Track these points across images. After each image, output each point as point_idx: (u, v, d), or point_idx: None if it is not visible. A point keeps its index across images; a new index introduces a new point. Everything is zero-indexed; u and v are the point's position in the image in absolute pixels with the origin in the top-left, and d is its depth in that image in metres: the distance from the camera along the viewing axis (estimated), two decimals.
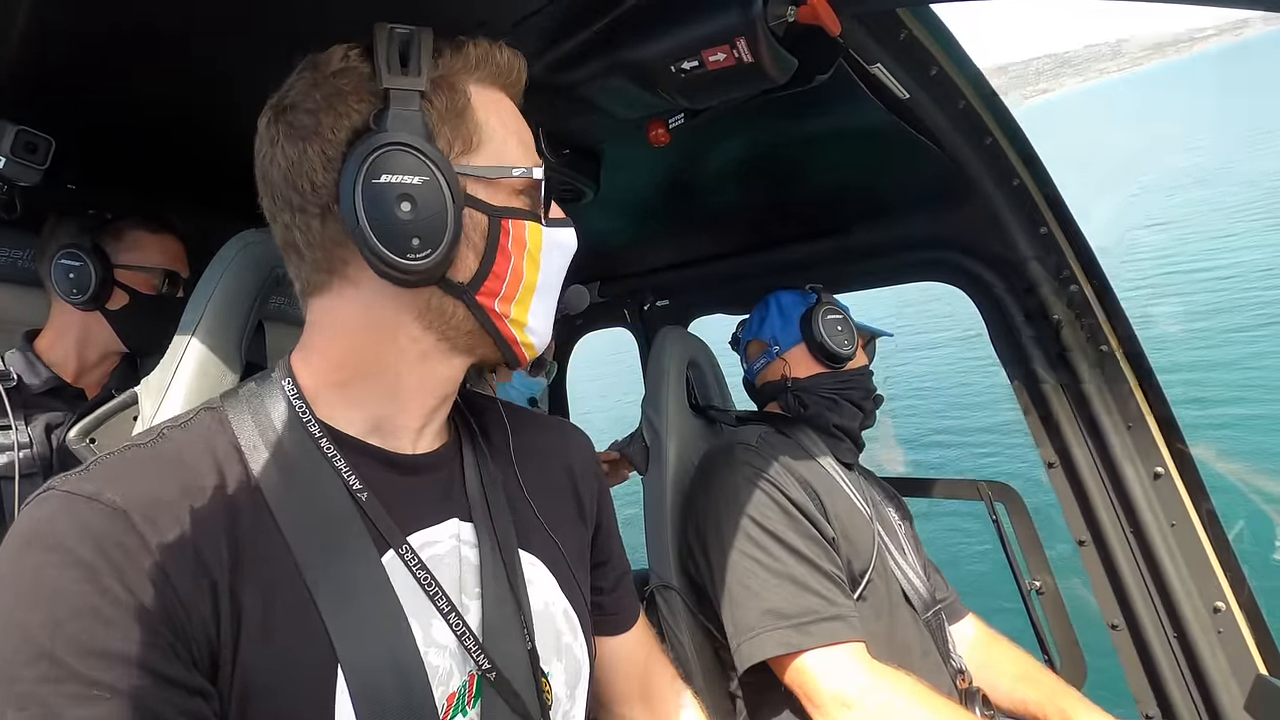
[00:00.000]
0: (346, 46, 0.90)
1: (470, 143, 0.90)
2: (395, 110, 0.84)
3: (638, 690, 1.29)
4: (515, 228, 0.92)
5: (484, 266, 0.90)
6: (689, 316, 3.19)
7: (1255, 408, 9.70)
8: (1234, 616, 1.92)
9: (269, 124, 0.90)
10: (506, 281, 0.92)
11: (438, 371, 0.95)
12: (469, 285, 0.90)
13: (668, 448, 2.06)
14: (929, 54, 1.66)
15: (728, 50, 1.34)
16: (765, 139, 2.00)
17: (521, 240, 0.92)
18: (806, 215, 2.47)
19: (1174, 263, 17.38)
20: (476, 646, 0.89)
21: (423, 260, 0.83)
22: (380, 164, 0.82)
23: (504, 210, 0.91)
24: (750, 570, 1.71)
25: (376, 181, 0.82)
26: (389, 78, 0.85)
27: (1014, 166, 1.93)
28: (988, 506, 2.38)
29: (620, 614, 1.26)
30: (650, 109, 1.62)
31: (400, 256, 0.82)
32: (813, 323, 2.06)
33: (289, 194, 0.88)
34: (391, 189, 0.82)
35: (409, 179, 0.82)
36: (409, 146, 0.83)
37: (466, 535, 0.97)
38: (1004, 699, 1.94)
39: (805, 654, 1.61)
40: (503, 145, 0.94)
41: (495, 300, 0.92)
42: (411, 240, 0.82)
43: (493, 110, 0.94)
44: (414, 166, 0.83)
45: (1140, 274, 16.59)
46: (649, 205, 2.55)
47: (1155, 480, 2.01)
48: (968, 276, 2.21)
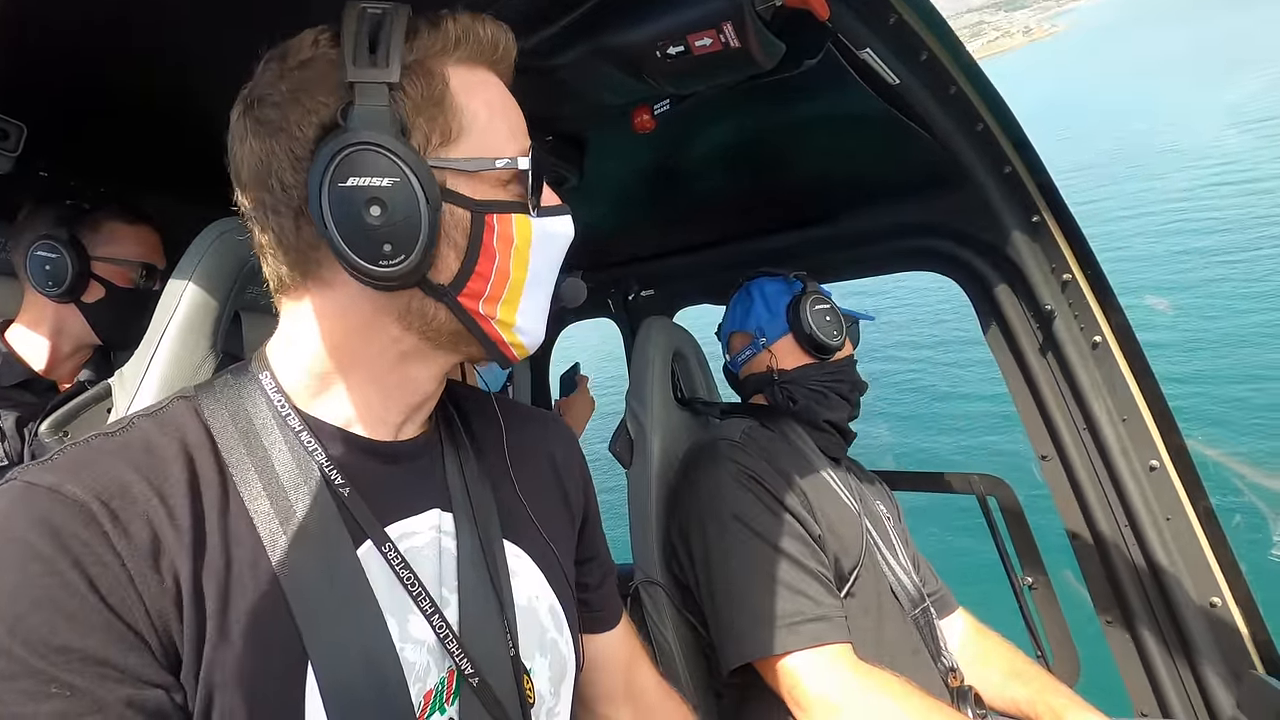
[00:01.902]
0: (317, 31, 0.86)
1: (449, 133, 0.86)
2: (362, 105, 0.80)
3: (622, 689, 1.29)
4: (500, 223, 0.88)
5: (466, 266, 0.87)
6: (674, 307, 3.20)
7: None
8: (1230, 612, 1.94)
9: (239, 117, 0.87)
10: (491, 281, 0.88)
11: (420, 371, 0.94)
12: (450, 286, 0.87)
13: (652, 441, 2.06)
14: (919, 38, 1.68)
15: (714, 35, 1.35)
16: (753, 125, 2.01)
17: (508, 236, 0.89)
18: (794, 203, 2.48)
19: None
20: (454, 642, 0.88)
21: (396, 267, 0.81)
22: (347, 166, 0.79)
23: (488, 204, 0.87)
24: (735, 570, 1.71)
25: (343, 185, 0.79)
26: (354, 69, 0.81)
27: (1006, 153, 1.94)
28: (980, 500, 2.40)
29: (605, 611, 1.26)
30: (635, 95, 1.62)
31: (372, 263, 0.80)
32: (800, 313, 2.03)
33: (260, 194, 0.86)
34: (360, 193, 0.79)
35: (378, 181, 0.79)
36: (377, 146, 0.79)
37: (447, 526, 0.96)
38: (995, 696, 1.94)
39: (791, 655, 1.61)
40: (486, 132, 0.89)
41: (479, 302, 0.89)
42: (383, 246, 0.80)
43: (476, 93, 0.90)
44: (384, 167, 0.79)
45: None
46: (634, 193, 2.56)
47: (1150, 473, 2.02)
48: (958, 265, 2.23)
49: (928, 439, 11.58)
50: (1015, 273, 2.09)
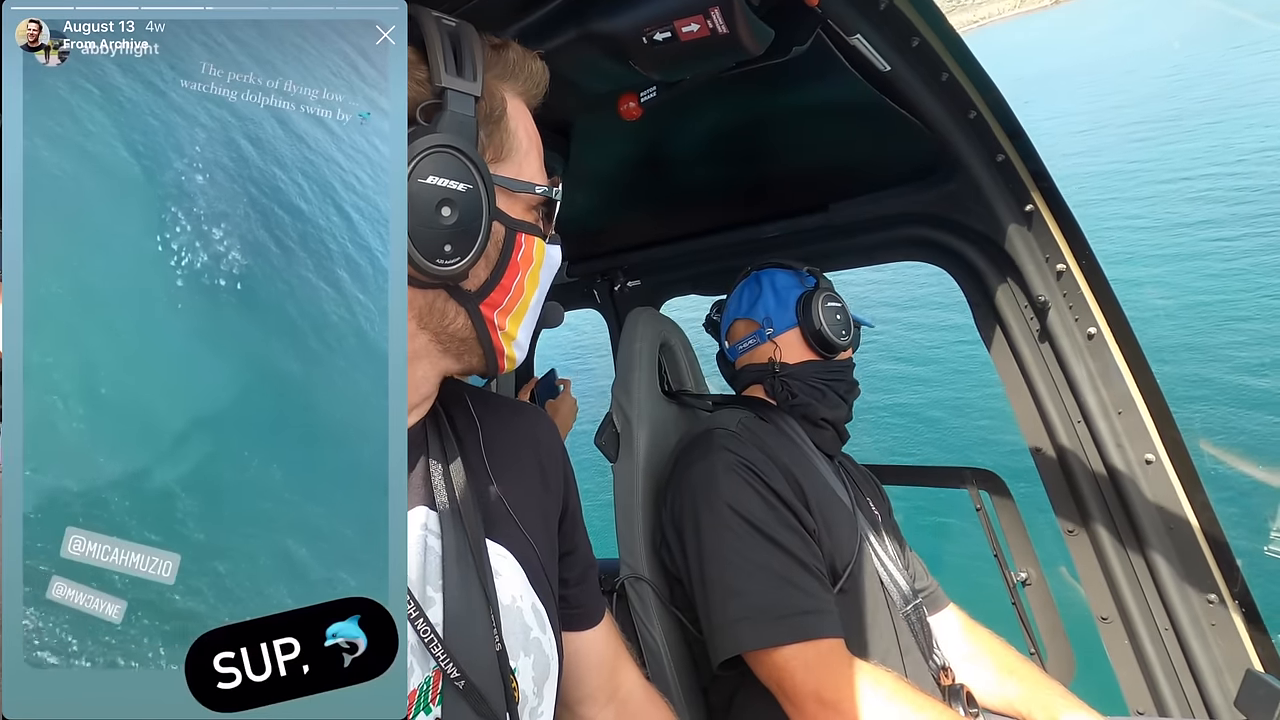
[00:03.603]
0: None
1: (501, 150, 0.94)
2: (452, 110, 0.86)
3: (606, 689, 1.30)
4: (526, 243, 0.95)
5: (493, 278, 0.93)
6: (661, 297, 3.21)
7: None
8: (1228, 609, 1.96)
9: None
10: (510, 295, 0.95)
11: (424, 370, 0.96)
12: (476, 294, 0.93)
13: (639, 434, 2.06)
14: (910, 24, 1.69)
15: (702, 21, 1.36)
16: (741, 113, 2.02)
17: (530, 256, 0.96)
18: (783, 192, 2.49)
19: None
20: (438, 643, 0.89)
21: (449, 267, 0.85)
22: (429, 164, 0.83)
23: (520, 224, 0.95)
24: (728, 561, 1.71)
25: (423, 181, 0.83)
26: (447, 76, 0.86)
27: (999, 141, 1.95)
28: (973, 495, 2.41)
29: (586, 608, 1.27)
30: (621, 82, 1.63)
31: (430, 260, 0.84)
32: (812, 308, 2.04)
33: None
34: (437, 192, 0.83)
35: (455, 184, 0.84)
36: (462, 152, 0.85)
37: (433, 525, 0.97)
38: (987, 694, 1.95)
39: (782, 649, 1.61)
40: (526, 157, 0.98)
41: (495, 312, 0.95)
42: (444, 246, 0.84)
43: (520, 120, 0.98)
44: (463, 173, 0.85)
45: None
46: (620, 182, 2.57)
47: (1146, 467, 2.03)
48: (950, 255, 2.24)
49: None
50: (1008, 263, 2.10)
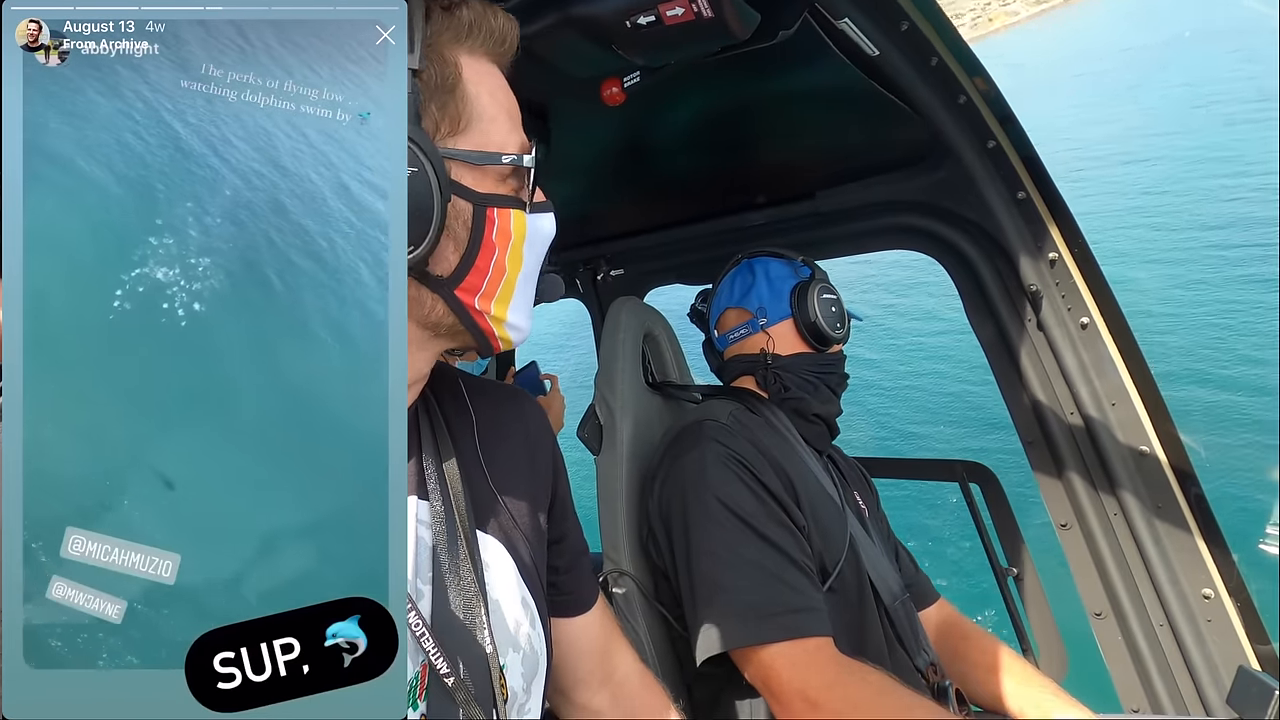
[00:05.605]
0: None
1: (458, 122, 0.89)
2: None
3: (599, 674, 1.31)
4: (500, 217, 0.91)
5: (466, 260, 0.89)
6: (645, 287, 3.21)
7: None
8: (1223, 604, 1.98)
9: None
10: (488, 277, 0.91)
11: (411, 358, 0.95)
12: (449, 280, 0.89)
13: (622, 427, 2.06)
14: (899, 8, 1.70)
15: (686, 4, 1.37)
16: (726, 99, 2.04)
17: (506, 231, 0.91)
18: (770, 180, 2.51)
19: None
20: (428, 636, 0.89)
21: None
22: None
23: (490, 198, 0.90)
24: (717, 556, 1.71)
25: None
26: None
27: (990, 127, 1.97)
28: (963, 489, 2.44)
29: (577, 594, 1.27)
30: (604, 67, 1.64)
31: None
32: (807, 299, 2.05)
33: None
34: None
35: None
36: None
37: (424, 515, 0.97)
38: (977, 692, 1.97)
39: (769, 647, 1.62)
40: (492, 124, 0.92)
41: (475, 297, 0.91)
42: None
43: (483, 84, 0.92)
44: None
45: None
46: (603, 169, 2.58)
47: (1140, 459, 2.05)
48: (941, 244, 2.26)
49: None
50: (999, 251, 2.12)
